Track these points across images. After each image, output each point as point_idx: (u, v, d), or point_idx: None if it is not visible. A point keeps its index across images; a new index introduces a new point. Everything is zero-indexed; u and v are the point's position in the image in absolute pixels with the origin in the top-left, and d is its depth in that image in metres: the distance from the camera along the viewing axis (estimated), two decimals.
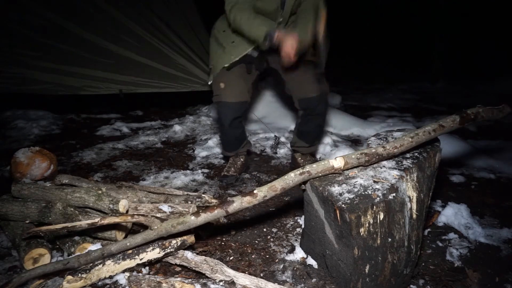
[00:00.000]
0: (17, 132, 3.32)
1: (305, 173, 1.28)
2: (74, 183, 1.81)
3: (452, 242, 1.65)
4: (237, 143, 2.33)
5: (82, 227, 1.32)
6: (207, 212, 1.27)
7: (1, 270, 1.42)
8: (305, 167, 1.29)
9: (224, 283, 1.20)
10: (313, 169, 1.29)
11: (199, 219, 1.26)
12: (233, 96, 2.06)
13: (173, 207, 1.56)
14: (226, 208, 1.26)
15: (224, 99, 2.08)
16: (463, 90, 6.59)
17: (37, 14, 3.23)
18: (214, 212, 1.26)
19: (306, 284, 1.35)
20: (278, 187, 1.26)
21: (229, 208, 1.26)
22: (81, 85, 3.28)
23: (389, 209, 1.18)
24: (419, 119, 4.06)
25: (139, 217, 1.32)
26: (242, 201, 1.26)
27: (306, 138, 2.36)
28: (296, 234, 1.71)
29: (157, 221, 1.30)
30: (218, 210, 1.26)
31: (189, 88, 3.43)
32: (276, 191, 1.27)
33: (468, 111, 1.35)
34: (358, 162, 1.31)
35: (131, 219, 1.32)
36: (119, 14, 3.34)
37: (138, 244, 1.30)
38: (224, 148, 2.40)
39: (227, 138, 2.31)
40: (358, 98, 5.63)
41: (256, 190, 1.27)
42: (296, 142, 2.41)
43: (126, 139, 3.19)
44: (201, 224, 1.28)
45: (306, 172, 1.28)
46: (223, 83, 2.08)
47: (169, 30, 3.44)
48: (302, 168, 1.29)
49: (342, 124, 3.52)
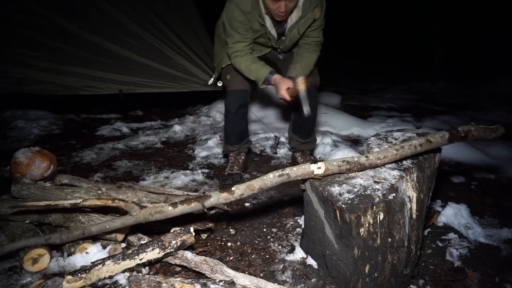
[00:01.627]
0: (17, 132, 3.32)
1: (284, 175, 1.28)
2: (74, 183, 1.81)
3: (452, 242, 1.64)
4: (240, 136, 2.39)
5: (65, 206, 1.38)
6: (184, 204, 1.31)
7: (1, 270, 1.42)
8: (285, 169, 1.30)
9: (224, 283, 1.20)
10: (293, 172, 1.29)
11: (176, 210, 1.31)
12: (236, 85, 2.25)
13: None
14: (203, 202, 1.30)
15: (229, 88, 2.30)
16: (463, 90, 6.58)
17: (37, 14, 3.23)
18: (191, 205, 1.31)
19: (306, 284, 1.35)
20: (256, 186, 1.29)
21: (206, 202, 1.30)
22: (81, 85, 3.28)
23: (389, 209, 1.18)
24: (419, 119, 4.05)
25: (119, 202, 1.37)
26: (219, 197, 1.30)
27: (300, 132, 2.46)
28: (296, 234, 1.71)
29: (136, 207, 1.36)
30: (195, 203, 1.31)
31: (189, 88, 3.43)
32: (253, 190, 1.29)
33: (459, 129, 1.31)
34: (339, 169, 1.30)
35: (111, 203, 1.37)
36: (119, 14, 3.34)
37: (117, 227, 1.36)
38: (227, 141, 2.42)
39: (232, 128, 2.35)
40: (358, 98, 5.61)
41: (234, 188, 1.30)
42: (292, 137, 2.53)
43: (126, 139, 3.19)
44: (178, 215, 1.33)
45: (285, 174, 1.28)
46: (229, 75, 2.29)
47: (169, 30, 3.44)
48: (282, 170, 1.30)
49: (342, 124, 3.52)
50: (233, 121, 2.32)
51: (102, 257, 1.34)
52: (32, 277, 1.37)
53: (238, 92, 2.26)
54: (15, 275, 1.38)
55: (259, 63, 2.09)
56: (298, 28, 2.05)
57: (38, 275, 1.37)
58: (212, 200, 1.30)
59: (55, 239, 1.35)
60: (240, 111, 2.29)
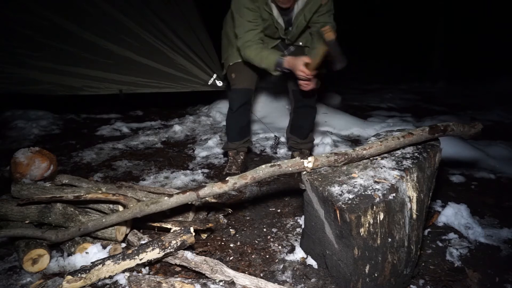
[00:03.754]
0: (17, 132, 3.32)
1: (276, 166, 1.35)
2: (74, 183, 1.81)
3: (452, 242, 1.64)
4: (241, 133, 2.40)
5: (68, 198, 1.44)
6: (180, 194, 1.34)
7: (1, 270, 1.41)
8: (278, 161, 1.36)
9: (224, 283, 1.20)
10: (284, 163, 1.36)
11: (171, 199, 1.34)
12: (241, 83, 2.28)
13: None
14: (197, 192, 1.33)
15: (234, 87, 2.31)
16: (463, 90, 6.58)
17: (37, 14, 3.23)
18: (186, 195, 1.34)
19: (306, 284, 1.35)
20: (249, 176, 1.34)
21: (200, 192, 1.33)
22: (81, 85, 3.28)
23: (389, 209, 1.18)
24: (419, 119, 4.05)
25: (119, 196, 1.41)
26: (213, 186, 1.34)
27: (298, 133, 2.49)
28: (296, 234, 1.71)
29: (134, 201, 1.39)
30: (190, 192, 1.34)
31: (189, 88, 3.44)
32: (246, 180, 1.34)
33: (438, 124, 1.42)
34: (327, 161, 1.36)
35: (112, 197, 1.42)
36: (119, 14, 3.34)
37: (113, 222, 1.38)
38: (228, 137, 2.44)
39: (233, 124, 2.37)
40: (358, 98, 5.62)
41: (227, 178, 1.35)
42: (289, 137, 2.56)
43: (126, 139, 3.19)
44: (174, 206, 1.35)
45: (277, 165, 1.35)
46: (234, 73, 2.31)
47: (169, 30, 3.44)
48: (273, 161, 1.37)
49: (342, 124, 3.52)
50: (234, 117, 2.35)
51: (102, 257, 1.34)
52: (32, 277, 1.36)
53: (242, 91, 2.28)
54: (15, 275, 1.38)
55: (268, 49, 2.06)
56: (304, 14, 2.01)
57: (38, 275, 1.37)
58: (206, 189, 1.33)
59: (50, 234, 1.38)
60: (242, 109, 2.31)
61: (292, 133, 2.52)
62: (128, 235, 1.55)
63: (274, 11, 2.01)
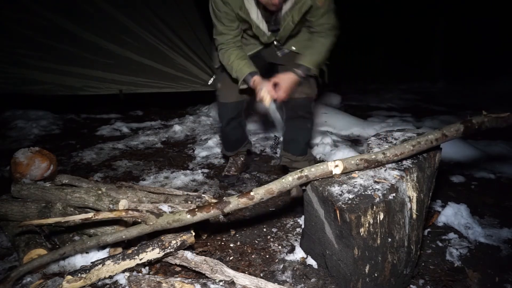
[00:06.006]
0: (17, 132, 3.32)
1: (303, 177, 1.28)
2: (74, 183, 1.81)
3: (452, 242, 1.64)
4: (236, 144, 2.31)
5: (75, 221, 1.33)
6: (203, 211, 1.28)
7: (1, 270, 1.42)
8: (304, 170, 1.28)
9: (224, 283, 1.20)
10: (311, 173, 1.28)
11: (195, 217, 1.28)
12: (227, 97, 2.07)
13: (173, 207, 1.56)
14: (222, 208, 1.27)
15: (219, 100, 2.11)
16: (463, 90, 6.58)
17: (37, 14, 3.23)
18: (210, 212, 1.28)
19: (306, 284, 1.35)
20: (275, 190, 1.27)
21: (225, 209, 1.28)
22: (81, 85, 3.28)
23: (389, 209, 1.18)
24: (419, 119, 4.05)
25: (133, 213, 1.30)
26: (238, 203, 1.28)
27: (292, 148, 2.11)
28: (296, 234, 1.71)
29: (152, 216, 1.31)
30: (214, 210, 1.28)
31: (189, 88, 3.44)
32: (273, 194, 1.27)
33: (473, 121, 1.31)
34: (357, 167, 1.31)
35: (125, 215, 1.31)
36: (119, 14, 3.34)
37: (133, 236, 1.32)
38: (224, 147, 2.40)
39: (225, 138, 2.30)
40: (358, 98, 5.62)
41: (253, 192, 1.27)
42: (283, 155, 2.18)
43: (126, 139, 3.19)
44: (197, 221, 1.30)
45: (304, 176, 1.28)
46: (220, 83, 2.10)
47: (169, 30, 3.44)
48: (300, 171, 1.28)
49: (342, 124, 3.52)
50: (224, 132, 2.22)
51: (102, 257, 1.34)
52: (32, 277, 1.36)
53: (228, 106, 2.08)
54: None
55: (242, 60, 1.85)
56: (292, 15, 1.77)
57: (38, 275, 1.37)
58: (232, 206, 1.27)
59: (69, 252, 1.30)
60: (232, 123, 2.14)
61: (286, 149, 2.14)
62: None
63: (253, 15, 1.79)
